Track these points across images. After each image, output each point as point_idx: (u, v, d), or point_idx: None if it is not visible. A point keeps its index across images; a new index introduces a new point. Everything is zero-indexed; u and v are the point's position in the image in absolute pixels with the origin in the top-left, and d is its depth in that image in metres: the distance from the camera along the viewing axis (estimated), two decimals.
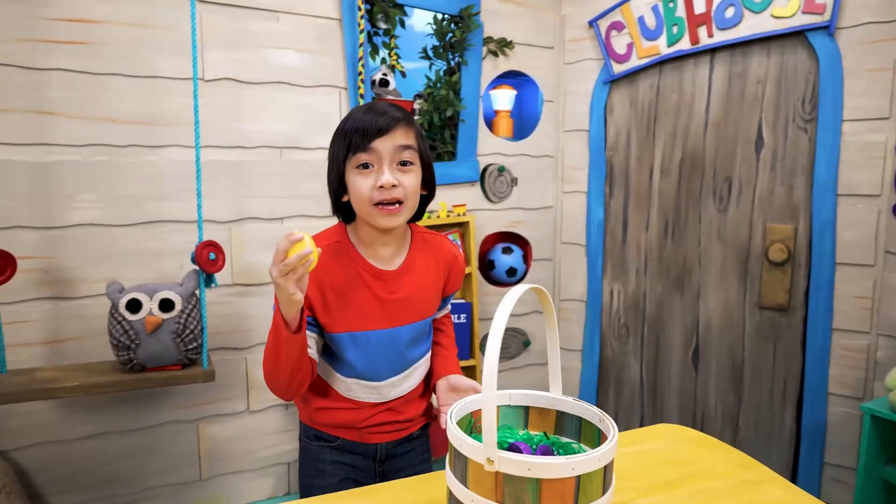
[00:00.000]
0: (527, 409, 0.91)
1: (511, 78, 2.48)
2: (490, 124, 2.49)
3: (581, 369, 2.59)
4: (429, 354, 1.24)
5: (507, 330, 2.52)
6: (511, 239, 2.55)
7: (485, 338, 2.46)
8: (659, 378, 2.42)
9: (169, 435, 1.95)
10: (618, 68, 2.37)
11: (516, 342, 2.55)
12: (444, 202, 2.25)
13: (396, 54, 2.26)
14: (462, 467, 0.75)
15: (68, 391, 1.55)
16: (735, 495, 0.93)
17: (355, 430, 1.15)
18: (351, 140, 1.02)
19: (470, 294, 2.29)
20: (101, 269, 1.80)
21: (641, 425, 2.47)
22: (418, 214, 1.16)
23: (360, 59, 2.06)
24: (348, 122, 1.05)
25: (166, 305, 1.63)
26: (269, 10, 1.97)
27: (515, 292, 0.78)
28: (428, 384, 1.25)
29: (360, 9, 2.03)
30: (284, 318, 0.95)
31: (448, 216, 2.23)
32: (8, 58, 1.66)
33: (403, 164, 1.05)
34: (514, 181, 2.46)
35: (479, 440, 0.82)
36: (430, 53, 2.29)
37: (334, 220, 1.96)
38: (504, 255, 2.47)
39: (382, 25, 2.19)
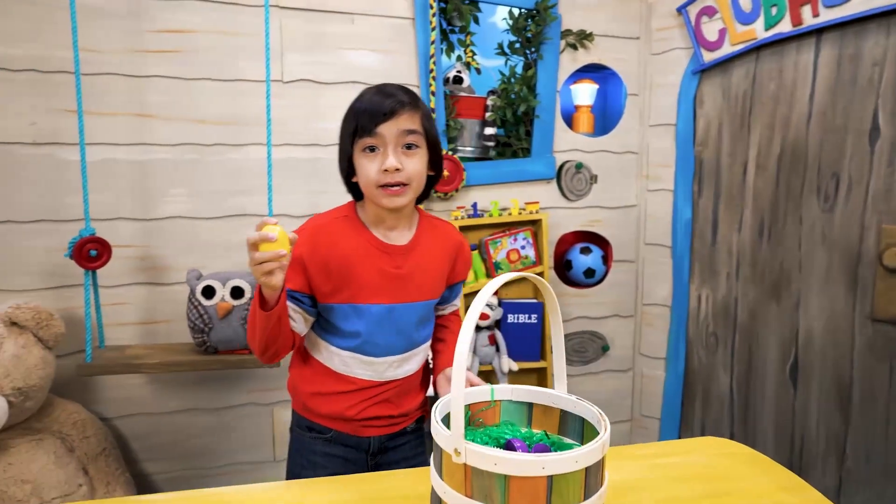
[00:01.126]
0: (530, 405, 0.86)
1: (591, 72, 2.38)
2: (569, 120, 2.42)
3: (664, 379, 2.43)
4: (429, 343, 1.23)
5: (583, 333, 2.43)
6: (590, 239, 2.45)
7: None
8: (751, 394, 2.21)
9: (246, 416, 2.08)
10: (709, 57, 2.20)
11: (594, 346, 2.44)
12: (516, 199, 2.21)
13: (472, 51, 2.26)
14: (438, 458, 0.73)
15: (150, 367, 1.70)
16: None
17: (349, 422, 1.16)
18: (358, 123, 1.05)
19: (541, 294, 2.23)
20: (189, 258, 1.95)
21: None
22: (425, 193, 1.17)
23: (432, 56, 2.07)
24: (357, 104, 1.08)
25: (237, 293, 1.74)
26: (345, 13, 2.04)
27: (497, 281, 0.75)
28: (427, 378, 1.24)
29: (431, 7, 2.05)
30: (262, 295, 0.98)
31: (520, 214, 2.19)
32: (116, 68, 1.86)
33: (409, 147, 1.07)
34: (594, 179, 2.36)
35: (473, 432, 0.79)
36: (507, 49, 2.25)
37: None
38: (582, 256, 2.38)
39: (458, 23, 2.19)
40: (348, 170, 1.12)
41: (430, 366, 1.30)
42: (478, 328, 2.16)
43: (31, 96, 1.79)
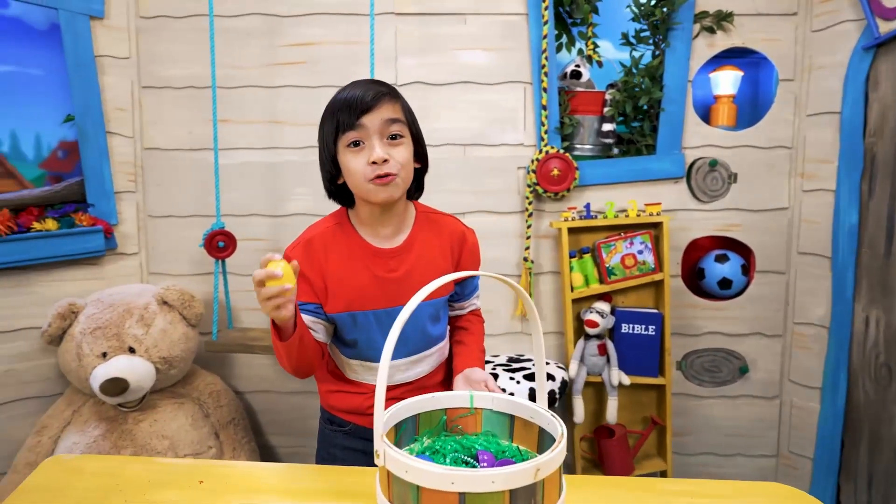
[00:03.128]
0: (512, 418, 0.80)
1: (734, 57, 2.11)
2: (706, 112, 2.17)
3: (819, 413, 2.06)
4: (442, 344, 1.17)
5: (716, 351, 2.16)
6: (729, 245, 2.17)
7: (687, 354, 2.16)
8: None
9: None
10: (886, 27, 1.82)
11: (729, 367, 2.16)
12: (635, 200, 2.04)
13: (594, 43, 2.14)
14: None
15: (262, 349, 1.89)
16: None
17: (365, 415, 1.15)
18: (339, 120, 1.03)
19: (662, 304, 2.03)
20: None
21: None
22: (418, 189, 1.15)
23: (544, 51, 2.00)
24: (334, 102, 1.05)
25: None
26: (458, 14, 2.06)
27: (444, 279, 0.71)
28: (449, 377, 1.18)
29: (543, 1, 1.98)
30: (276, 325, 0.98)
31: (638, 216, 2.01)
32: (253, 80, 2.09)
33: (393, 137, 1.04)
34: (733, 177, 2.09)
35: (445, 439, 0.77)
36: (632, 39, 2.09)
37: (515, 217, 1.97)
38: (717, 264, 2.12)
39: (578, 15, 2.09)
40: (332, 171, 1.10)
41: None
42: (587, 336, 2.03)
43: (188, 109, 2.09)
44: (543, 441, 0.77)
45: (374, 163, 1.02)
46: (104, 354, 1.82)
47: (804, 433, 2.11)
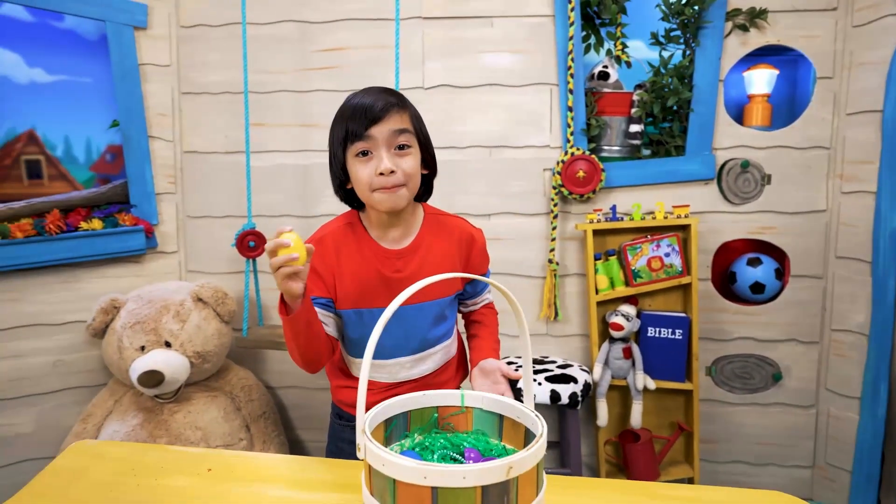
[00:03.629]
0: (501, 417, 0.81)
1: (768, 55, 2.05)
2: (739, 112, 2.12)
3: (858, 423, 1.98)
4: (448, 342, 1.19)
5: (748, 357, 2.10)
6: (762, 249, 2.11)
7: (717, 360, 2.11)
8: None
9: None
10: None
11: (762, 374, 2.10)
12: (662, 202, 2.01)
13: (623, 44, 2.11)
14: None
15: (280, 345, 1.95)
16: None
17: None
18: (348, 129, 1.05)
19: (690, 308, 1.99)
20: None
21: None
22: (427, 192, 1.15)
23: (570, 53, 2.00)
24: (344, 110, 1.07)
25: None
26: (485, 17, 2.08)
27: (420, 284, 0.73)
28: (463, 373, 1.20)
29: (570, 2, 1.97)
30: (285, 301, 1.00)
31: (666, 218, 1.98)
32: (286, 85, 2.16)
33: (401, 147, 1.06)
34: (766, 179, 2.03)
35: (435, 436, 0.79)
36: (661, 38, 2.06)
37: (540, 219, 1.96)
38: (749, 268, 2.07)
39: (606, 15, 2.08)
40: (342, 177, 1.12)
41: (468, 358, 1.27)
42: (611, 340, 2.01)
43: (224, 113, 2.18)
44: (530, 440, 0.78)
45: (381, 174, 1.04)
46: (142, 348, 1.92)
47: (842, 444, 2.03)
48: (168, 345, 1.93)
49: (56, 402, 2.07)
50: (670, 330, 2.00)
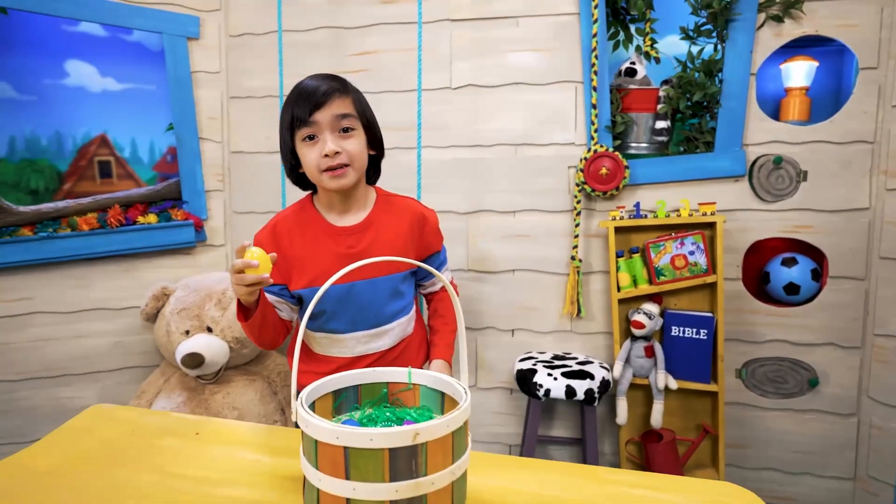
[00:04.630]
0: (443, 394, 0.86)
1: (809, 46, 1.97)
2: (777, 106, 2.04)
3: None
4: (404, 319, 1.24)
5: (781, 361, 2.02)
6: (798, 248, 2.03)
7: (748, 362, 2.04)
8: None
9: None
10: None
11: (797, 378, 2.01)
12: (687, 199, 1.97)
13: (652, 39, 2.09)
14: None
15: None
16: None
17: None
18: (294, 114, 1.13)
19: (716, 308, 1.94)
20: None
21: None
22: (375, 174, 1.23)
23: (594, 50, 2.00)
24: (290, 98, 1.15)
25: None
26: (510, 17, 2.11)
27: (356, 264, 0.79)
28: (425, 354, 1.25)
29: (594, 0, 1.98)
30: (243, 304, 1.11)
31: (690, 215, 1.94)
32: None
33: (345, 130, 1.14)
34: (802, 175, 1.95)
35: (382, 409, 0.86)
36: (691, 32, 2.02)
37: (565, 216, 2.00)
38: (784, 268, 1.99)
39: (633, 11, 2.06)
40: (293, 161, 1.20)
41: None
42: (633, 338, 1.99)
43: (267, 116, 2.33)
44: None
45: (326, 155, 1.12)
46: (187, 332, 2.09)
47: (886, 456, 1.92)
48: (210, 330, 2.09)
49: (116, 379, 2.28)
50: (695, 330, 1.95)
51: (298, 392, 1.33)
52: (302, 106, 1.14)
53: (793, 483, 2.06)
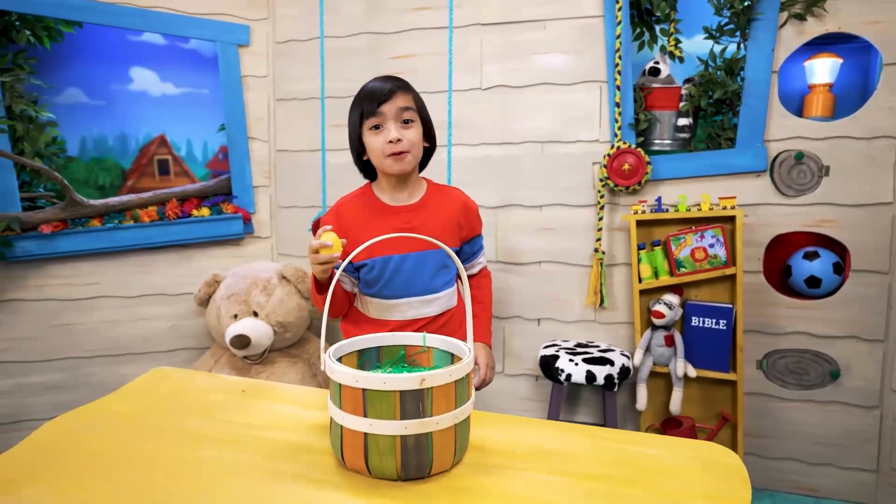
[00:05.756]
0: (452, 355, 0.98)
1: (835, 43, 2.00)
2: (800, 103, 2.08)
3: None
4: (449, 291, 1.43)
5: (803, 352, 2.06)
6: (820, 242, 2.06)
7: (769, 353, 2.08)
8: None
9: None
10: None
11: (818, 370, 2.04)
12: (707, 194, 2.03)
13: (676, 39, 2.16)
14: None
15: None
16: None
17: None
18: (363, 108, 1.31)
19: (735, 299, 2.00)
20: None
21: None
22: (425, 163, 1.41)
23: (617, 51, 2.08)
24: (359, 94, 1.34)
25: None
26: (537, 21, 2.22)
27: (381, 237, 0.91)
28: (463, 333, 1.38)
29: (617, 2, 2.06)
30: (318, 279, 1.30)
31: (711, 209, 2.01)
32: None
33: (406, 122, 1.31)
34: (824, 170, 1.98)
35: (402, 367, 0.99)
36: (714, 32, 2.08)
37: (589, 211, 2.11)
38: (806, 261, 2.03)
39: (657, 12, 2.14)
40: (359, 150, 1.38)
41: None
42: (654, 327, 2.07)
43: (309, 117, 2.50)
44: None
45: (390, 141, 1.30)
46: (235, 316, 2.27)
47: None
48: (256, 314, 2.27)
49: (171, 360, 2.48)
50: (714, 320, 2.01)
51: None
52: (370, 100, 1.32)
53: (815, 474, 2.09)
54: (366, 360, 1.01)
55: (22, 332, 2.29)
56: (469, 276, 1.53)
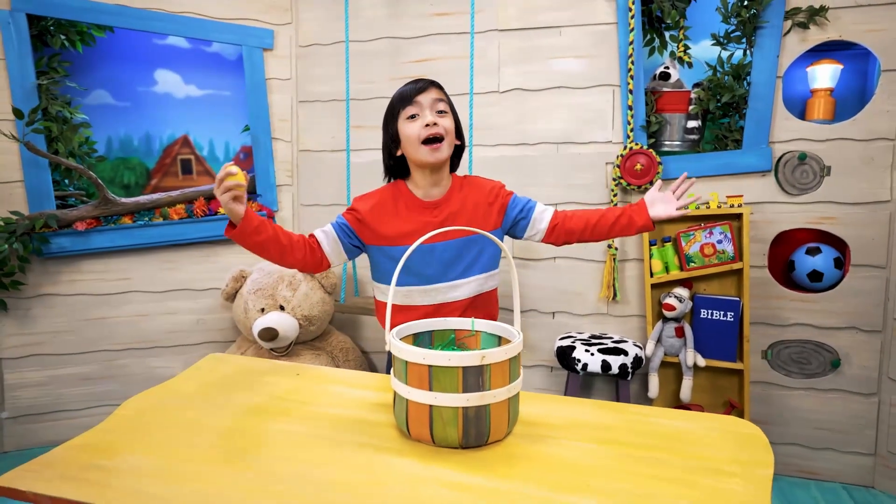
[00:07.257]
0: (499, 338, 1.08)
1: (835, 50, 2.11)
2: (803, 106, 2.19)
3: None
4: (482, 277, 1.51)
5: (805, 343, 2.17)
6: (823, 239, 2.17)
7: (774, 344, 2.20)
8: None
9: None
10: None
11: (819, 359, 2.16)
12: (716, 192, 2.14)
13: (685, 45, 2.27)
14: None
15: (370, 312, 2.31)
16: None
17: None
18: (400, 100, 1.43)
19: (742, 292, 2.11)
20: None
21: None
22: (456, 163, 1.50)
23: (630, 56, 2.19)
24: (396, 95, 1.46)
25: None
26: (553, 27, 2.32)
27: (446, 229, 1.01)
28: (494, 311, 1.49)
29: (630, 10, 2.17)
30: (232, 220, 1.31)
31: (719, 207, 2.11)
32: (382, 92, 2.53)
33: (440, 112, 1.42)
34: (825, 170, 2.10)
35: (451, 348, 1.08)
36: (722, 38, 2.19)
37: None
38: (808, 257, 2.14)
39: (668, 19, 2.24)
40: (391, 146, 1.48)
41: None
42: (665, 319, 2.18)
43: (332, 118, 2.59)
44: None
45: (427, 125, 1.40)
46: (262, 310, 2.36)
47: None
48: (282, 308, 2.36)
49: (198, 352, 2.58)
50: (722, 312, 2.12)
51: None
52: (407, 93, 1.44)
53: (815, 458, 2.20)
54: (420, 343, 1.11)
55: (57, 325, 2.38)
56: (555, 223, 1.56)
